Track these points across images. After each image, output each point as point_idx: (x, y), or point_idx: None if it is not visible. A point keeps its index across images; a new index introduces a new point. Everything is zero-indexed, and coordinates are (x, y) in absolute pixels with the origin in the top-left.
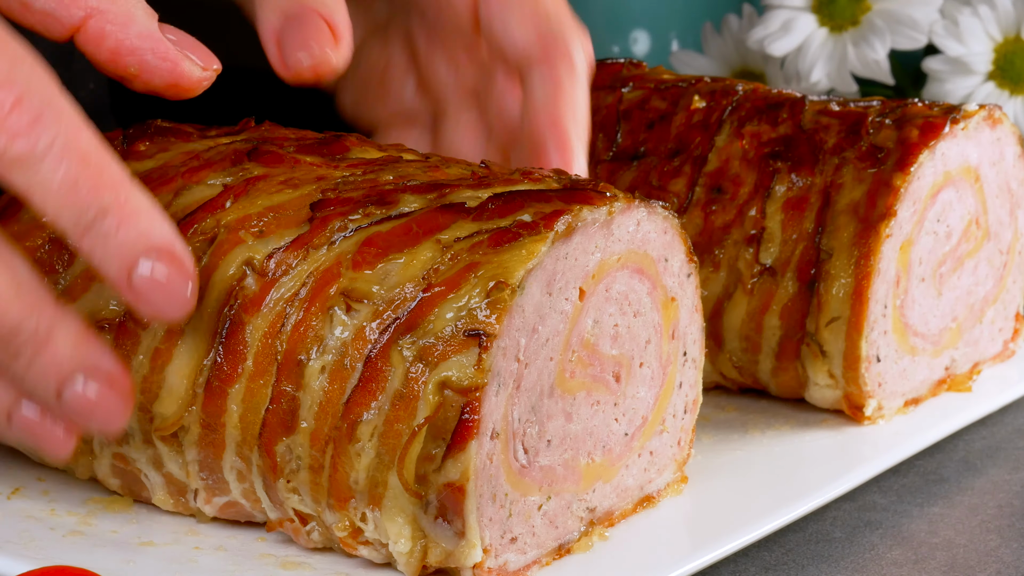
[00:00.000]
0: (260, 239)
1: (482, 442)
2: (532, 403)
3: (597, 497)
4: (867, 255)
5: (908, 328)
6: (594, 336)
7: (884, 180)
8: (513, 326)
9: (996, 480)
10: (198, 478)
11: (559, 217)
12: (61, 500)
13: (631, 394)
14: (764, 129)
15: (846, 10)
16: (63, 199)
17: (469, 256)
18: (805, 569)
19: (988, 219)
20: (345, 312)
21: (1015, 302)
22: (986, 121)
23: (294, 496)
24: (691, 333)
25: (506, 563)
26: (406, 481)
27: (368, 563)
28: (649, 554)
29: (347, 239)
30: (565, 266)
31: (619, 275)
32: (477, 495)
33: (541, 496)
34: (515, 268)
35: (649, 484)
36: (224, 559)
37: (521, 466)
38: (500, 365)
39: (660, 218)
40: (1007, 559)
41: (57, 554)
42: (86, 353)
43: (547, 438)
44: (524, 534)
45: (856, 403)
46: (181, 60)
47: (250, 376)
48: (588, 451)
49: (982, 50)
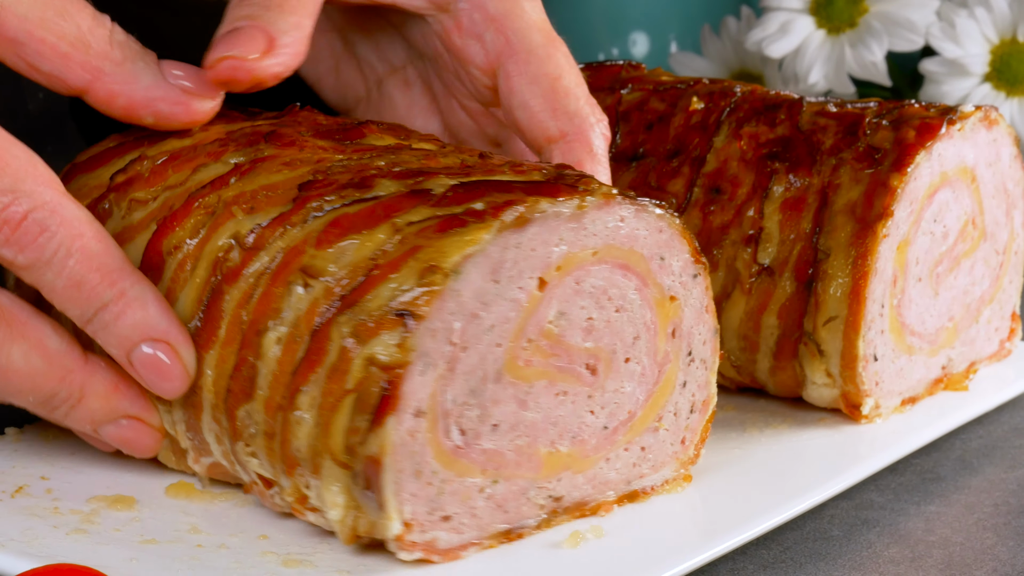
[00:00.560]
0: (249, 215)
1: (401, 419)
2: (472, 387)
3: (564, 487)
4: (864, 255)
5: (905, 327)
6: (560, 327)
7: (881, 181)
8: (445, 309)
9: (992, 478)
10: (186, 438)
11: (509, 207)
12: (64, 498)
13: (612, 388)
14: (762, 130)
15: (844, 12)
16: (68, 298)
17: (415, 240)
18: (803, 567)
19: (984, 219)
20: (303, 287)
21: (1011, 302)
22: (982, 122)
23: (253, 460)
24: (699, 334)
25: (435, 539)
26: (333, 452)
27: (369, 559)
28: (647, 551)
29: (319, 219)
30: (518, 255)
31: (595, 269)
32: (396, 469)
33: (485, 479)
34: (452, 253)
35: (640, 480)
36: (226, 557)
37: (456, 447)
38: (428, 346)
39: (653, 217)
40: (1003, 557)
41: (60, 552)
42: (116, 404)
43: (492, 422)
44: (460, 514)
45: (853, 402)
46: (191, 101)
47: (222, 343)
48: (551, 440)
49: (978, 52)
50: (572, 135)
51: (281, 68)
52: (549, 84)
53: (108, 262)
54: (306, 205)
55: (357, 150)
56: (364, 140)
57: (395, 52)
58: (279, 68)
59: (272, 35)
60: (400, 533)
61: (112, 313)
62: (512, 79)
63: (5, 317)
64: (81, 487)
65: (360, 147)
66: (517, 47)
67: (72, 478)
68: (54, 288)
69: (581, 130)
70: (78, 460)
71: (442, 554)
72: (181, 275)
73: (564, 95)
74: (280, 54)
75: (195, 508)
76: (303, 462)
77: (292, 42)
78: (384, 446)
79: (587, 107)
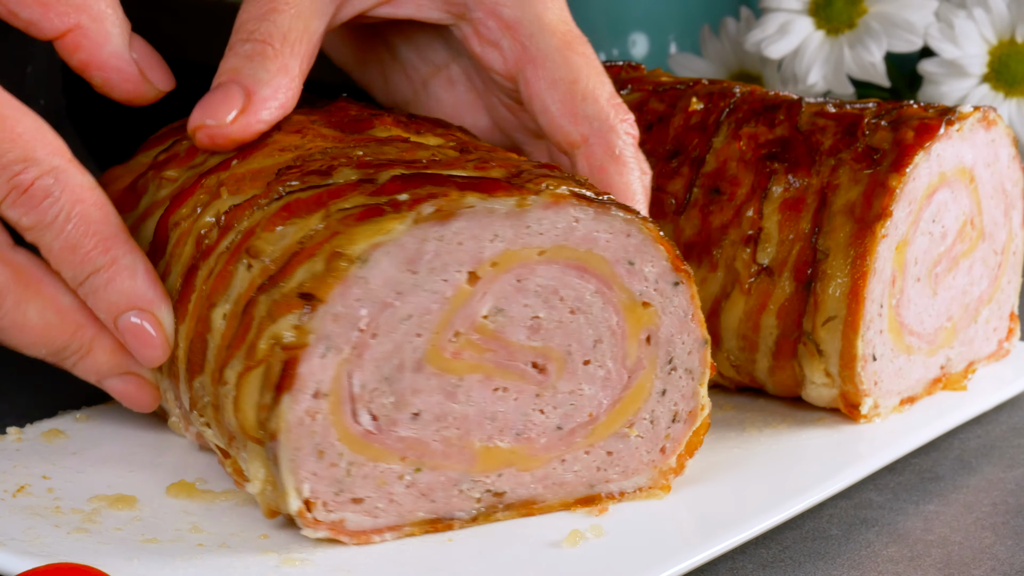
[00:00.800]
0: (232, 196)
1: (297, 398)
2: (385, 374)
3: (507, 483)
4: (863, 255)
5: (904, 327)
6: (497, 323)
7: (880, 181)
8: (350, 295)
9: (991, 478)
10: (175, 407)
11: (428, 200)
12: (66, 497)
13: (567, 389)
14: (761, 131)
15: (842, 13)
16: (63, 260)
17: (336, 226)
18: (802, 566)
19: (983, 220)
20: (247, 268)
21: (1009, 302)
22: (981, 123)
23: (208, 430)
24: (683, 343)
25: (343, 520)
26: (243, 426)
27: (370, 560)
28: (647, 550)
29: (276, 202)
30: (440, 248)
31: (542, 269)
32: (293, 447)
33: (405, 466)
34: (360, 241)
35: (606, 484)
36: (227, 555)
37: (366, 431)
38: (329, 329)
39: (618, 221)
40: (1002, 556)
41: (62, 551)
42: (120, 361)
43: (412, 411)
44: (375, 498)
45: (852, 401)
46: (140, 83)
47: (190, 316)
48: (489, 435)
49: (977, 52)
50: (593, 139)
51: (262, 124)
52: (566, 89)
53: (104, 229)
54: (273, 189)
55: (356, 140)
56: (370, 131)
57: (436, 52)
58: (260, 125)
59: (251, 89)
60: (300, 510)
61: (102, 279)
62: (531, 85)
63: (23, 276)
64: (82, 486)
65: (360, 138)
66: (533, 53)
67: (73, 477)
68: (51, 249)
69: (601, 133)
70: (79, 460)
71: (351, 535)
72: (177, 250)
73: (582, 99)
74: (259, 108)
75: (196, 507)
76: (237, 435)
77: (273, 92)
78: (280, 423)
79: (608, 108)
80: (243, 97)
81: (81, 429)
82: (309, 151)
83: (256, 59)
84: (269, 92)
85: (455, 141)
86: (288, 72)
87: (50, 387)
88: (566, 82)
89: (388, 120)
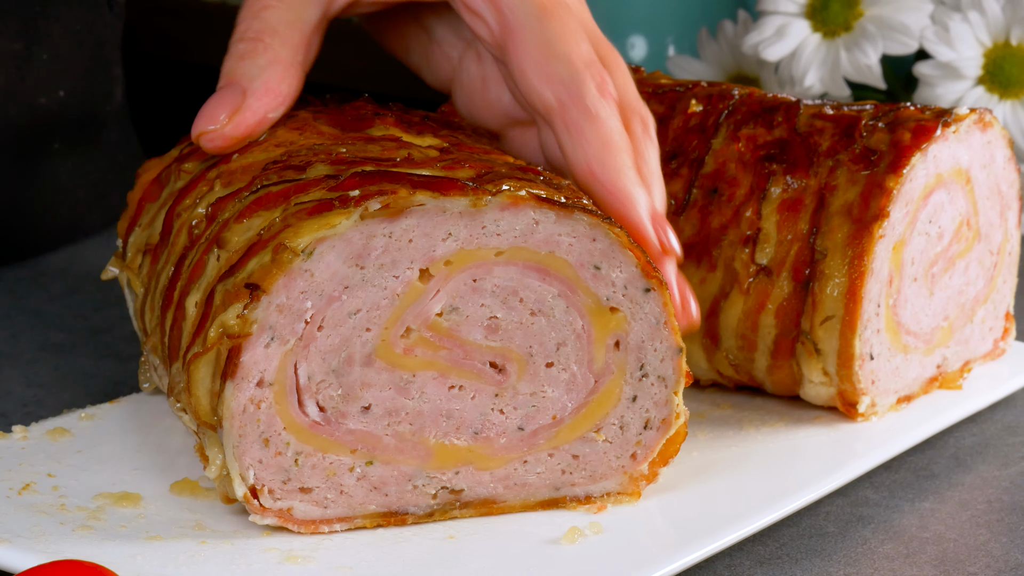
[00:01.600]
0: (224, 188)
1: (240, 386)
2: (333, 366)
3: (464, 480)
4: (861, 255)
5: (901, 327)
6: (451, 322)
7: (877, 182)
8: (294, 287)
9: (986, 476)
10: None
11: (376, 196)
12: (71, 495)
13: (528, 391)
14: (760, 132)
15: (839, 16)
16: None
17: (289, 219)
18: (799, 563)
19: (979, 220)
20: (216, 258)
21: (1005, 302)
22: (977, 124)
23: (184, 415)
24: (655, 350)
25: (291, 508)
26: (197, 411)
27: (371, 556)
28: (645, 547)
29: (252, 195)
30: (389, 244)
31: (499, 270)
32: (236, 434)
33: (356, 458)
34: (305, 234)
35: (572, 487)
36: (229, 552)
37: (314, 422)
38: (273, 320)
39: (582, 225)
40: (996, 553)
41: (67, 548)
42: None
43: (362, 404)
44: (323, 488)
45: (849, 400)
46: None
47: (175, 304)
48: (444, 432)
49: (972, 55)
50: (567, 100)
51: (256, 116)
52: (539, 53)
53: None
54: (254, 183)
55: (348, 139)
56: (368, 130)
57: (464, 28)
58: (254, 117)
59: (244, 87)
60: (246, 495)
61: None
62: (510, 54)
63: None
64: (87, 484)
65: (355, 136)
66: (512, 23)
67: (78, 475)
68: None
69: (576, 94)
70: (84, 458)
71: (300, 524)
72: (176, 240)
73: (556, 60)
74: (252, 104)
75: (199, 505)
76: (202, 420)
77: (265, 83)
78: (224, 410)
79: (580, 67)
80: (239, 96)
81: (86, 428)
82: (299, 147)
83: (248, 56)
84: (260, 84)
85: (449, 142)
86: (280, 62)
87: (55, 386)
88: (540, 47)
89: (390, 120)
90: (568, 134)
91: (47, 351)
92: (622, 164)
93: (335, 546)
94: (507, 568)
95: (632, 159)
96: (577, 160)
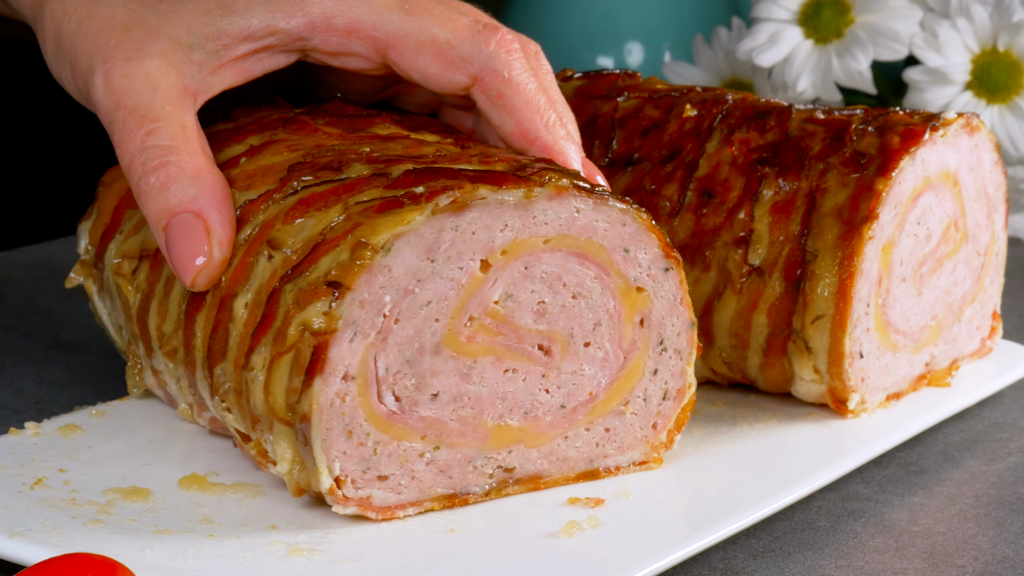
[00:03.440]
0: (244, 192)
1: (328, 381)
2: (407, 357)
3: (516, 459)
4: (850, 256)
5: (890, 326)
6: (507, 308)
7: (867, 185)
8: (375, 283)
9: (973, 471)
10: (189, 393)
11: (444, 192)
12: (82, 490)
13: (570, 370)
14: (753, 136)
15: (830, 23)
16: None
17: (357, 218)
18: (791, 556)
19: (966, 222)
20: (267, 259)
21: (992, 301)
22: (964, 129)
23: (229, 415)
24: (672, 325)
25: (370, 497)
26: (273, 409)
27: (375, 549)
28: (641, 540)
29: (292, 196)
30: (455, 237)
31: (547, 256)
32: (324, 428)
33: (425, 444)
34: (383, 231)
35: (604, 459)
36: (236, 546)
37: (390, 411)
38: (356, 316)
39: (615, 211)
40: (984, 546)
41: (77, 541)
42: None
43: (432, 392)
44: (398, 475)
45: (840, 397)
46: None
47: (208, 306)
48: (500, 414)
49: (960, 61)
50: (479, 73)
51: (230, 227)
52: (431, 47)
53: None
54: (287, 184)
55: (361, 137)
56: (373, 129)
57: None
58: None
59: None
60: (331, 487)
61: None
62: (401, 64)
63: None
64: (98, 479)
65: (364, 135)
66: (385, 39)
67: (89, 471)
68: None
69: (483, 65)
70: (95, 454)
71: (378, 511)
72: None
73: (450, 46)
74: (216, 219)
75: (207, 499)
76: (261, 418)
77: (209, 194)
78: (312, 405)
79: (477, 38)
80: (199, 221)
81: (96, 424)
82: (318, 148)
83: (171, 182)
84: (206, 198)
85: (452, 138)
86: (201, 167)
87: (67, 384)
88: (426, 43)
89: (386, 118)
90: (492, 107)
91: (59, 350)
92: (549, 122)
93: (339, 539)
94: (507, 561)
95: (554, 112)
96: (509, 130)
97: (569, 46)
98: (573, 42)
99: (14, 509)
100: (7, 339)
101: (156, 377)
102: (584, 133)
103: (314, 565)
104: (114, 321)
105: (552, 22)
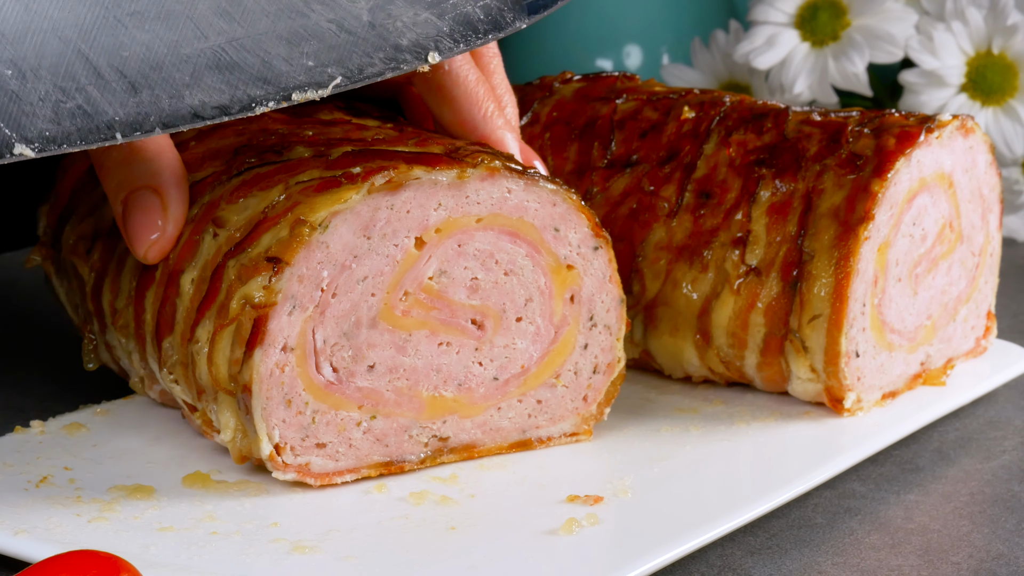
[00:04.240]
0: (193, 173)
1: (268, 352)
2: (344, 330)
3: (451, 428)
4: (847, 256)
5: (885, 325)
6: (441, 284)
7: (863, 186)
8: (313, 258)
9: (968, 469)
10: (140, 367)
11: (380, 172)
12: (86, 487)
13: (502, 343)
14: (750, 138)
15: (827, 26)
16: None
17: (297, 197)
18: (788, 553)
19: (961, 223)
20: (213, 236)
21: (987, 301)
22: (959, 130)
23: (176, 387)
24: (602, 302)
25: (308, 464)
26: (216, 379)
27: (375, 546)
28: (638, 537)
29: (237, 177)
30: (391, 215)
31: (480, 235)
32: (264, 397)
33: (362, 414)
34: (320, 209)
35: (536, 430)
36: (239, 543)
37: (328, 382)
38: (295, 290)
39: (545, 191)
40: (978, 543)
41: (82, 538)
42: None
43: (368, 363)
44: (336, 443)
45: (836, 396)
46: None
47: (158, 283)
48: (435, 385)
49: (955, 64)
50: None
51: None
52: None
53: None
54: (233, 166)
55: (304, 123)
56: (316, 115)
57: None
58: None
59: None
60: (271, 454)
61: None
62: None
63: None
64: (102, 477)
65: (309, 120)
66: None
67: (93, 468)
68: None
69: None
70: (99, 452)
71: (316, 477)
72: None
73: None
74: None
75: (210, 497)
76: (206, 389)
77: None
78: (253, 375)
79: None
80: (154, 196)
81: (101, 423)
82: (263, 132)
83: (134, 158)
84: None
85: (392, 123)
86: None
87: (72, 383)
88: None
89: (330, 105)
90: (433, 98)
91: (64, 349)
92: (487, 113)
93: (341, 536)
94: (506, 558)
95: (494, 101)
96: (448, 120)
97: (568, 48)
98: (572, 44)
99: (19, 506)
100: (13, 338)
101: (110, 352)
102: (583, 135)
103: (316, 562)
104: (71, 300)
105: (551, 25)
